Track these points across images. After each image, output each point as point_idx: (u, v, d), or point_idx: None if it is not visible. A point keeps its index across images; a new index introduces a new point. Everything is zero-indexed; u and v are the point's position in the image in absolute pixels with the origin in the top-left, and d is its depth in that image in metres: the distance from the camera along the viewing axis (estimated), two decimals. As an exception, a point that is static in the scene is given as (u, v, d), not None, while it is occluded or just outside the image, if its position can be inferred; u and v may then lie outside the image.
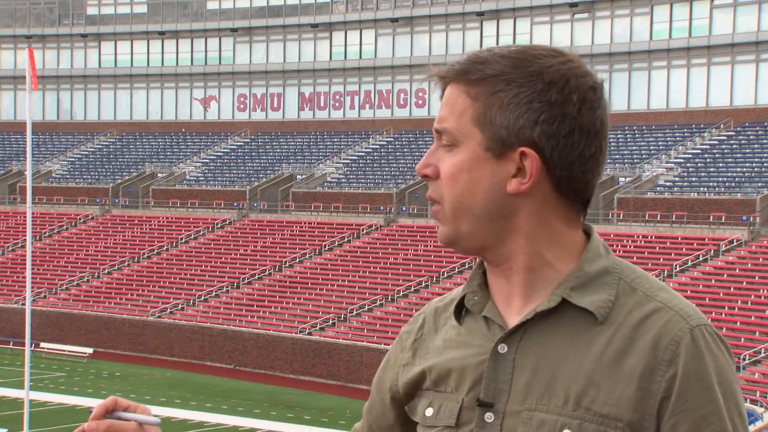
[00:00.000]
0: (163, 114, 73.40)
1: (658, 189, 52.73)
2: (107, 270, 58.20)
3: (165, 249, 59.28)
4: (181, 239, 59.69)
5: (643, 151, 56.48)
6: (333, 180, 62.17)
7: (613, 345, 1.79)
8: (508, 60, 1.83)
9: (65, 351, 51.17)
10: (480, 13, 63.07)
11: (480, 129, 1.83)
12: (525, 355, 1.83)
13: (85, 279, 57.85)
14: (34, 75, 23.72)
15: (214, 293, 53.56)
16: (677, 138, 56.70)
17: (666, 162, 54.90)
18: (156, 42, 72.69)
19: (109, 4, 74.24)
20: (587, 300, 1.82)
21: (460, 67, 1.86)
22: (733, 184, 51.32)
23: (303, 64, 68.84)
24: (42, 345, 50.82)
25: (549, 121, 1.80)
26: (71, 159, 72.02)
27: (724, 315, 41.45)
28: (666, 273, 45.47)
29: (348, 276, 51.71)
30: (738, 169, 52.85)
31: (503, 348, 1.85)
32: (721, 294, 43.11)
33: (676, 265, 45.93)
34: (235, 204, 62.01)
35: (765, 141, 54.24)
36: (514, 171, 1.82)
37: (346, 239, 55.59)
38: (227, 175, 65.88)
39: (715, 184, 51.94)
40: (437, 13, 64.50)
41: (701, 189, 51.76)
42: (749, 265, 44.87)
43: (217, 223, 60.65)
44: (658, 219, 50.18)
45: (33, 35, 74.00)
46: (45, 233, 63.06)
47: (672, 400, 1.76)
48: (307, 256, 54.93)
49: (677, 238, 48.38)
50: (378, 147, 64.97)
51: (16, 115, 75.15)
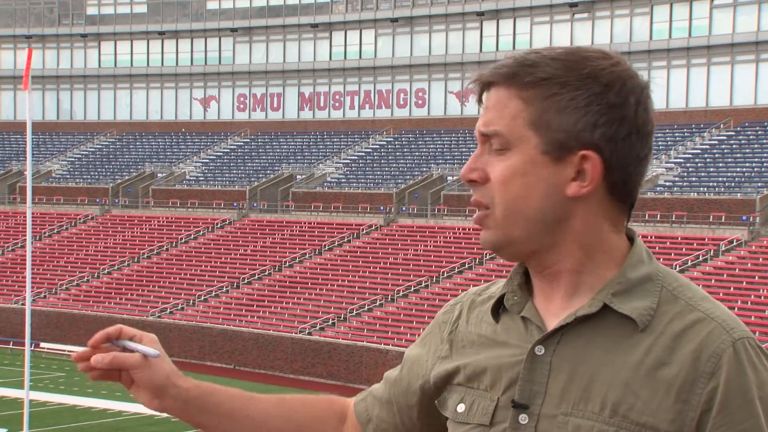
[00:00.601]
0: (163, 114, 73.42)
1: (657, 189, 52.73)
2: (107, 270, 58.20)
3: (165, 249, 59.29)
4: (181, 239, 59.70)
5: (643, 151, 56.43)
6: (333, 180, 62.17)
7: (653, 354, 1.77)
8: (558, 62, 1.81)
9: (65, 351, 51.17)
10: (480, 13, 63.07)
11: (536, 132, 1.80)
12: (562, 359, 1.82)
13: (85, 279, 57.86)
14: (26, 75, 23.69)
15: (214, 293, 53.57)
16: (677, 138, 56.70)
17: (666, 162, 54.91)
18: (156, 42, 72.70)
19: (109, 4, 74.25)
20: (629, 306, 1.80)
21: (508, 70, 1.83)
22: (733, 184, 51.33)
23: (303, 64, 68.86)
24: (42, 345, 50.83)
25: (609, 124, 1.79)
26: (71, 159, 72.04)
27: (724, 315, 41.43)
28: (666, 273, 45.45)
29: (348, 276, 51.71)
30: (738, 169, 52.86)
31: (540, 350, 1.83)
32: (721, 294, 43.08)
33: (675, 266, 45.91)
34: (235, 204, 62.01)
35: (765, 141, 54.25)
36: (573, 174, 1.80)
37: (346, 239, 55.59)
38: (227, 175, 65.88)
39: (715, 184, 51.94)
40: (437, 13, 64.50)
41: (701, 189, 51.76)
42: (749, 265, 44.88)
43: (217, 223, 60.65)
44: (657, 219, 50.18)
45: (33, 35, 74.01)
46: (45, 233, 63.06)
47: (713, 413, 1.73)
48: (307, 256, 54.93)
49: (677, 238, 48.39)
50: (378, 147, 64.98)
51: (16, 115, 75.15)
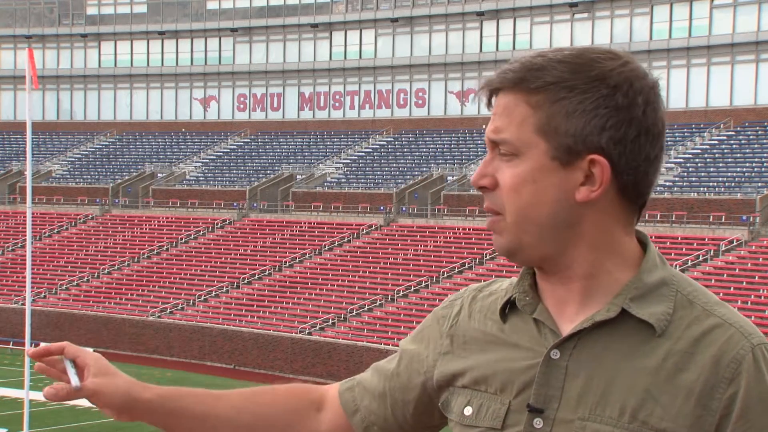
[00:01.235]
0: (163, 114, 73.42)
1: (657, 189, 52.70)
2: (107, 270, 58.20)
3: (165, 249, 59.29)
4: (181, 239, 59.69)
5: (643, 151, 56.45)
6: (333, 180, 62.17)
7: (672, 359, 1.76)
8: (565, 65, 1.79)
9: (65, 351, 51.13)
10: (480, 13, 63.07)
11: (544, 138, 1.79)
12: (578, 363, 1.81)
13: (85, 279, 57.85)
14: (34, 74, 23.74)
15: (214, 293, 53.56)
16: (677, 138, 56.70)
17: (666, 162, 54.89)
18: (156, 42, 72.70)
19: (109, 4, 74.24)
20: (647, 311, 1.79)
21: (515, 75, 1.81)
22: (733, 184, 51.33)
23: (303, 64, 68.85)
24: (42, 345, 50.79)
25: (617, 126, 1.78)
26: (71, 159, 72.03)
27: (724, 315, 41.45)
28: (666, 273, 45.47)
29: (348, 276, 51.71)
30: (738, 169, 52.87)
31: (556, 354, 1.82)
32: (721, 294, 43.06)
33: (675, 265, 45.88)
34: (235, 204, 62.01)
35: (765, 141, 54.25)
36: (582, 179, 1.79)
37: (346, 239, 55.58)
38: (227, 175, 65.88)
39: (715, 184, 51.95)
40: (437, 13, 64.49)
41: (701, 189, 51.77)
42: (749, 265, 44.88)
43: (217, 223, 60.65)
44: (657, 219, 50.18)
45: (33, 35, 74.00)
46: (45, 233, 63.06)
47: (732, 419, 1.74)
48: (307, 256, 54.93)
49: (677, 238, 48.39)
50: (378, 147, 64.98)
51: (16, 115, 75.14)
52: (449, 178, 58.11)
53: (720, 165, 53.79)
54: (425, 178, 59.10)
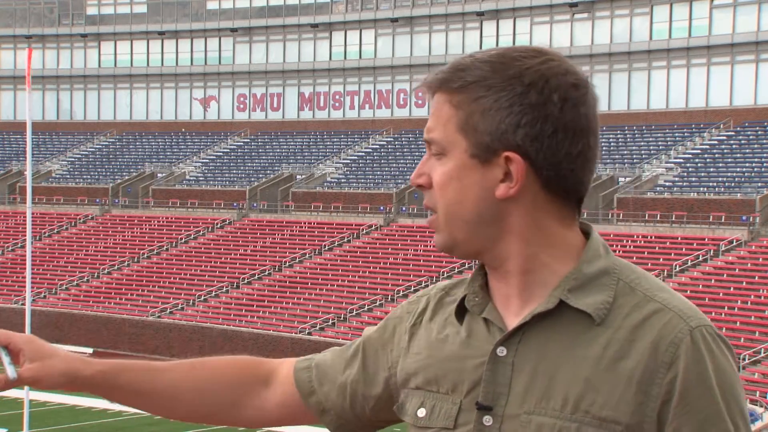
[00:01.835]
0: (163, 114, 73.41)
1: (657, 189, 52.74)
2: (107, 270, 58.20)
3: (165, 249, 59.29)
4: (181, 239, 59.69)
5: (643, 151, 56.49)
6: (333, 180, 62.17)
7: (612, 347, 1.77)
8: (488, 65, 1.82)
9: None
10: (480, 13, 63.07)
11: (464, 136, 1.82)
12: (524, 358, 1.82)
13: (85, 279, 57.85)
14: (28, 75, 23.79)
15: (214, 293, 53.57)
16: (677, 138, 56.71)
17: (666, 162, 54.91)
18: (156, 42, 72.69)
19: (109, 4, 74.25)
20: (585, 302, 1.80)
21: (442, 76, 1.86)
22: (733, 184, 51.33)
23: (303, 64, 68.85)
24: (42, 345, 50.81)
25: (531, 123, 1.79)
26: (71, 159, 72.03)
27: (724, 315, 41.45)
28: (666, 273, 45.48)
29: (348, 276, 51.71)
30: (738, 169, 52.86)
31: (502, 351, 1.84)
32: (721, 294, 43.11)
33: (675, 265, 45.94)
34: (235, 204, 62.01)
35: (765, 141, 54.24)
36: (501, 176, 1.81)
37: (346, 239, 55.59)
38: (227, 175, 65.89)
39: (715, 184, 51.95)
40: (437, 13, 64.50)
41: (701, 189, 51.77)
42: (749, 265, 44.88)
43: (217, 223, 60.65)
44: (657, 219, 50.19)
45: (33, 35, 74.00)
46: (45, 233, 63.06)
47: (673, 403, 1.75)
48: (307, 256, 54.93)
49: (677, 238, 48.39)
50: (378, 147, 64.98)
51: (16, 115, 75.14)
52: (449, 178, 58.08)
53: (720, 165, 53.79)
54: (425, 178, 59.04)
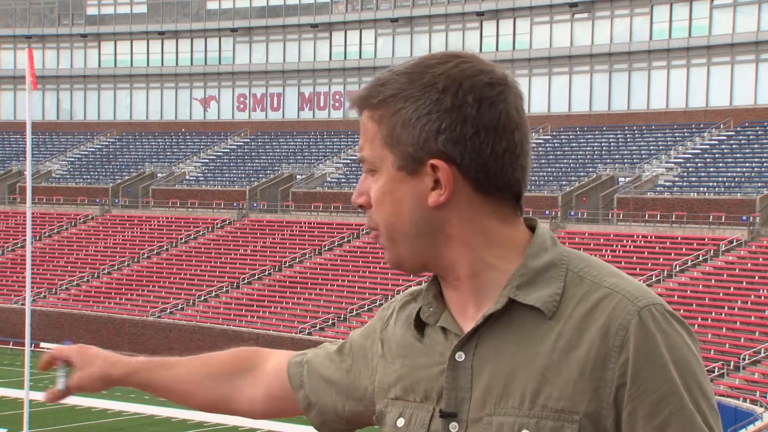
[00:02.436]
0: (163, 114, 73.42)
1: (657, 189, 52.73)
2: (107, 270, 58.20)
3: (165, 249, 59.29)
4: (181, 239, 59.70)
5: (643, 151, 56.49)
6: (333, 180, 62.17)
7: (563, 339, 1.76)
8: (404, 76, 1.83)
9: (65, 351, 51.12)
10: (480, 13, 63.07)
11: (390, 150, 1.83)
12: (482, 361, 1.82)
13: (85, 279, 57.86)
14: (33, 75, 23.80)
15: (214, 293, 53.57)
16: (677, 138, 56.70)
17: (666, 162, 54.90)
18: (156, 42, 72.70)
19: (109, 4, 74.25)
20: (533, 297, 1.79)
21: (364, 93, 1.86)
22: (733, 184, 51.32)
23: (303, 64, 68.86)
24: (42, 345, 50.78)
25: (451, 128, 1.79)
26: (71, 159, 72.03)
27: (724, 315, 41.45)
28: (666, 273, 45.48)
29: (348, 276, 51.72)
30: (738, 169, 52.85)
31: (461, 356, 1.83)
32: (721, 294, 43.10)
33: (675, 265, 45.94)
34: (235, 204, 62.01)
35: (765, 141, 54.23)
36: (431, 184, 1.81)
37: (346, 239, 55.59)
38: (227, 175, 65.89)
39: (715, 184, 51.94)
40: (437, 13, 64.50)
41: (701, 189, 51.76)
42: (749, 265, 44.87)
43: (217, 223, 60.66)
44: (657, 219, 50.18)
45: (33, 35, 74.00)
46: (45, 233, 63.06)
47: (627, 385, 1.73)
48: (307, 256, 54.94)
49: (677, 238, 48.38)
50: (378, 147, 64.91)
51: (16, 115, 75.14)
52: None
53: (720, 165, 53.78)
54: (425, 178, 59.04)
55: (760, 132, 54.95)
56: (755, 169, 52.20)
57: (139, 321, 52.60)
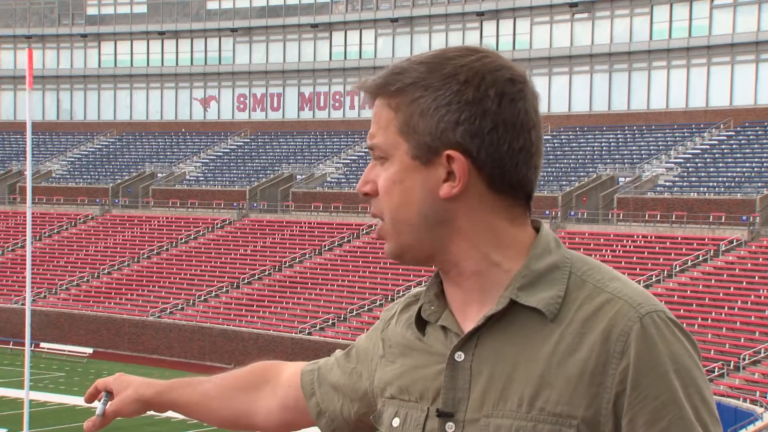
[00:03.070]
0: (163, 114, 73.42)
1: (657, 189, 52.72)
2: (107, 270, 58.20)
3: (165, 249, 59.29)
4: (181, 239, 59.70)
5: (643, 151, 56.49)
6: (333, 180, 62.18)
7: (564, 342, 1.75)
8: (424, 66, 1.82)
9: (65, 351, 51.18)
10: (480, 13, 63.07)
11: (405, 139, 1.81)
12: (481, 362, 1.80)
13: (85, 279, 57.86)
14: (30, 75, 23.81)
15: (214, 293, 53.57)
16: (677, 138, 56.69)
17: (666, 162, 54.90)
18: (156, 42, 72.70)
19: (109, 4, 74.25)
20: (536, 299, 1.78)
21: (380, 80, 1.85)
22: (733, 184, 51.32)
23: (303, 64, 68.86)
24: (42, 345, 50.82)
25: (470, 120, 1.78)
26: (71, 159, 72.04)
27: (724, 315, 41.45)
28: (666, 273, 45.48)
29: (348, 276, 51.72)
30: (738, 169, 52.85)
31: (460, 356, 1.82)
32: (721, 294, 43.09)
33: (676, 265, 45.93)
34: (235, 204, 62.02)
35: (765, 141, 54.23)
36: (444, 176, 1.80)
37: (346, 239, 55.59)
38: (227, 175, 65.89)
39: (715, 184, 51.93)
40: (437, 13, 64.50)
41: (701, 189, 51.76)
42: (749, 265, 44.86)
43: (217, 223, 60.66)
44: (657, 219, 50.18)
45: (33, 35, 74.00)
46: (45, 233, 63.06)
47: (627, 392, 1.72)
48: (307, 256, 54.94)
49: (677, 238, 48.38)
50: (378, 147, 64.92)
51: (16, 115, 75.15)
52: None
53: (720, 165, 53.78)
54: (425, 178, 59.03)
55: (760, 132, 54.94)
56: (755, 169, 52.20)
57: (139, 321, 52.60)
